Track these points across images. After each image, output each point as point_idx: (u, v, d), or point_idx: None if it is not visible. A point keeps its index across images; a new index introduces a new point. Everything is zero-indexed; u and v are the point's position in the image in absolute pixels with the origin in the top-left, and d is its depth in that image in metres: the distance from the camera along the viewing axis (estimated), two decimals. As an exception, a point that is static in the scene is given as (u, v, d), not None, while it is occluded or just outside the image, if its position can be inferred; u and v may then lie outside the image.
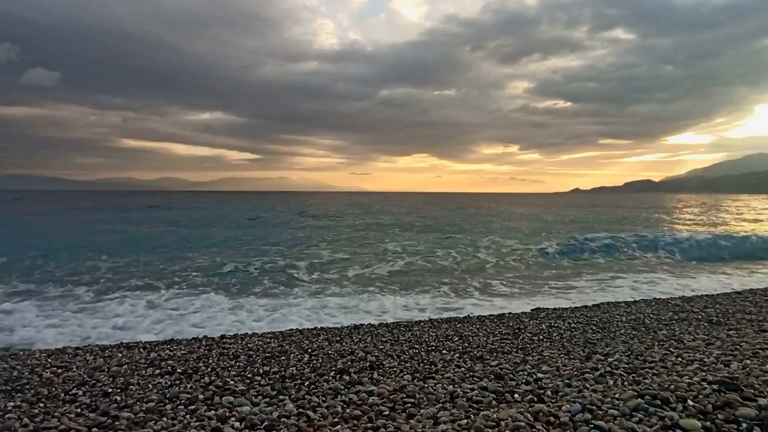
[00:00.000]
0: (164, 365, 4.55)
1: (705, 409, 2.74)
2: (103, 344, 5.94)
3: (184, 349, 5.36)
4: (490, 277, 12.12)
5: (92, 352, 5.33)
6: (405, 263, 14.17)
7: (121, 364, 4.67)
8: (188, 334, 6.56)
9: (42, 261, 13.12)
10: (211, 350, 5.22)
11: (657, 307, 7.60)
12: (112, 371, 4.38)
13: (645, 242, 17.74)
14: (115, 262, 13.39)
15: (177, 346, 5.53)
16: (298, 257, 14.96)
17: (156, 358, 4.87)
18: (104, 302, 8.79)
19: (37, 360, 4.95)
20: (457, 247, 17.31)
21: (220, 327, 7.16)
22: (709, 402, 2.82)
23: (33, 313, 7.86)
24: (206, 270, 12.33)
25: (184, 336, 6.45)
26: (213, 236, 21.37)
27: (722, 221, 31.96)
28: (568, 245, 17.25)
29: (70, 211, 42.79)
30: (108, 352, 5.33)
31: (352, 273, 12.47)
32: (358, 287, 10.58)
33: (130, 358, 4.91)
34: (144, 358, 4.93)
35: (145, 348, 5.51)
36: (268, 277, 11.54)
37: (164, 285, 10.46)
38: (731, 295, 8.63)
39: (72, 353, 5.28)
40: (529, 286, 10.99)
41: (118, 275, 11.49)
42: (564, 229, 24.97)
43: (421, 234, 23.38)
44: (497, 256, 15.28)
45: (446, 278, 11.79)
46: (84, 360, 4.92)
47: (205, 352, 5.15)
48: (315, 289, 10.48)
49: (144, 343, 5.81)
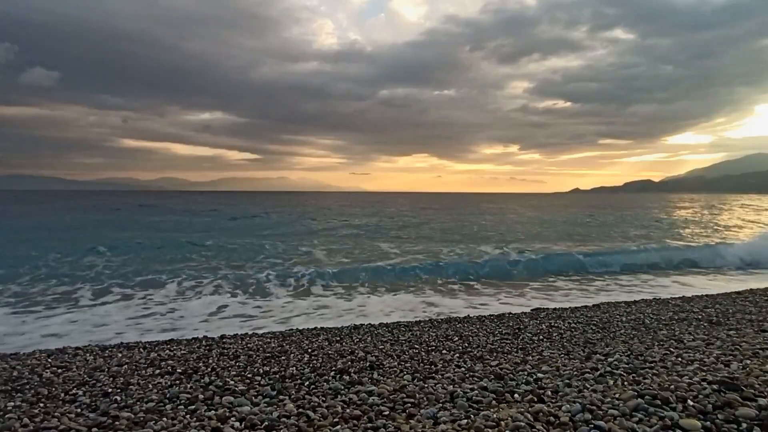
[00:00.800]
0: (164, 365, 4.56)
1: (705, 409, 2.74)
2: (103, 344, 5.94)
3: (184, 349, 5.36)
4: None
5: (92, 352, 5.33)
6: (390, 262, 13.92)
7: (121, 364, 4.67)
8: (188, 334, 6.57)
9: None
10: (211, 350, 5.22)
11: (657, 307, 7.60)
12: (112, 371, 4.38)
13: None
14: (111, 261, 13.41)
15: (177, 346, 5.53)
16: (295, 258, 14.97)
17: (156, 358, 4.87)
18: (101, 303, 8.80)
19: (37, 360, 4.95)
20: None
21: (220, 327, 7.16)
22: (709, 402, 2.82)
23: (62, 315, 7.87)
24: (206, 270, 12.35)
25: (184, 336, 6.45)
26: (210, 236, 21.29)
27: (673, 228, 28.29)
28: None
29: (71, 211, 42.44)
30: (108, 352, 5.33)
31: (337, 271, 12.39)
32: (346, 287, 10.60)
33: (130, 358, 4.91)
34: (144, 358, 4.93)
35: (145, 348, 5.51)
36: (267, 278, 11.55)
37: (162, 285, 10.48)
38: (731, 295, 8.63)
39: (72, 353, 5.28)
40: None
41: (116, 275, 11.50)
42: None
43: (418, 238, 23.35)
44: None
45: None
46: (84, 360, 4.92)
47: (205, 352, 5.15)
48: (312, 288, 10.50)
49: (144, 343, 5.80)
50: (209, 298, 9.31)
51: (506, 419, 2.81)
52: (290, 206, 56.76)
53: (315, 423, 2.94)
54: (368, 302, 9.17)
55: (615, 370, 3.87)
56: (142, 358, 4.93)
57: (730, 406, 2.73)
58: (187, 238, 19.90)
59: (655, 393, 2.99)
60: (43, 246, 16.07)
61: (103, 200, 72.19)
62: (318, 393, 3.59)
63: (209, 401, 3.41)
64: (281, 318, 7.86)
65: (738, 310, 6.90)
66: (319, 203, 69.15)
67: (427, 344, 5.33)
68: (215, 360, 4.73)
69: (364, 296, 9.80)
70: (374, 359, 4.61)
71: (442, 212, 46.58)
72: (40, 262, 12.89)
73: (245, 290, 10.16)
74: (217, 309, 8.39)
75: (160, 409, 3.26)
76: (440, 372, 4.12)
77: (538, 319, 6.85)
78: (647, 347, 4.77)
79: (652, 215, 41.66)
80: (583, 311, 7.42)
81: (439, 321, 6.99)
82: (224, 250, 16.59)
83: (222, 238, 20.60)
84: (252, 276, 11.65)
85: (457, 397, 3.33)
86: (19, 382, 4.08)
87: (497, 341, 5.43)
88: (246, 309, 8.44)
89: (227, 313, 8.12)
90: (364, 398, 3.38)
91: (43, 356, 5.14)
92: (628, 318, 6.65)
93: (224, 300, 9.09)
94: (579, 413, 2.81)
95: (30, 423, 3.06)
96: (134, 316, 7.89)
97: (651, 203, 77.41)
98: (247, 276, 11.66)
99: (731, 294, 8.88)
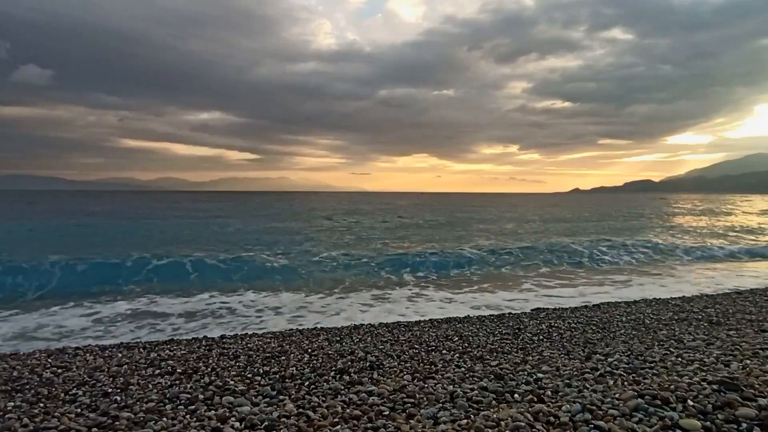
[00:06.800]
0: (164, 365, 4.56)
1: (705, 409, 2.74)
2: (103, 344, 5.94)
3: (184, 349, 5.36)
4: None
5: (92, 352, 5.33)
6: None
7: (121, 364, 4.67)
8: (188, 334, 6.57)
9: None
10: (211, 350, 5.22)
11: (657, 307, 7.60)
12: (112, 371, 4.38)
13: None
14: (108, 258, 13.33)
15: (177, 346, 5.53)
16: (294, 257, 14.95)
17: (156, 358, 4.87)
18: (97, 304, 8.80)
19: (37, 360, 4.95)
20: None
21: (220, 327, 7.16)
22: (709, 402, 2.82)
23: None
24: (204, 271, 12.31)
25: (183, 336, 6.45)
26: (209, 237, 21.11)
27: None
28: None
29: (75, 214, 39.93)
30: (108, 352, 5.33)
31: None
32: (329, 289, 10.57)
33: (130, 358, 4.91)
34: (144, 358, 4.93)
35: (145, 348, 5.51)
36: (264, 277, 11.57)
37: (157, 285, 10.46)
38: (731, 295, 8.63)
39: (72, 353, 5.28)
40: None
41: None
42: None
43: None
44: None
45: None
46: (84, 360, 4.92)
47: (205, 352, 5.15)
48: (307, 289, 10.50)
49: (144, 343, 5.81)
50: (203, 298, 9.30)
51: (506, 419, 2.81)
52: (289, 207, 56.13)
53: (315, 423, 2.94)
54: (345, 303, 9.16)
55: (615, 370, 3.87)
56: (142, 358, 4.93)
57: (730, 406, 2.73)
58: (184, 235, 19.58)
59: (655, 393, 3.00)
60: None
61: (91, 202, 65.07)
62: (318, 393, 3.59)
63: (209, 401, 3.42)
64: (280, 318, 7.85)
65: (738, 310, 6.90)
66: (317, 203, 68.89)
67: (427, 344, 5.33)
68: (215, 360, 4.73)
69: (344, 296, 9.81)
70: (374, 359, 4.61)
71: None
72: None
73: (240, 290, 10.14)
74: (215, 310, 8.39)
75: (160, 409, 3.26)
76: (440, 372, 4.12)
77: (538, 319, 6.85)
78: (647, 347, 4.77)
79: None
80: (583, 311, 7.42)
81: (439, 321, 6.99)
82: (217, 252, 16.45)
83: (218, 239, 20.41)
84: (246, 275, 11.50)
85: (457, 397, 3.33)
86: (19, 382, 4.08)
87: (497, 341, 5.43)
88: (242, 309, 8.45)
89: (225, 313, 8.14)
90: (364, 398, 3.38)
91: (43, 356, 5.14)
92: (628, 318, 6.65)
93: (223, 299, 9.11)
94: (579, 413, 2.81)
95: (30, 423, 3.07)
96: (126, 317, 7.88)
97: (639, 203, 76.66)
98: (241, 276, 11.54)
99: (731, 294, 8.89)
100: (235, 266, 12.40)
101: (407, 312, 8.21)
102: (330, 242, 18.54)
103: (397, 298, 9.44)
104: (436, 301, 9.28)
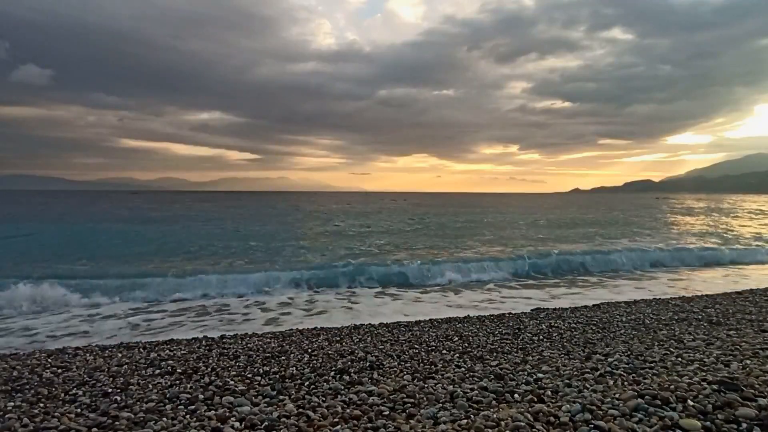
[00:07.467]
0: (164, 365, 4.55)
1: (705, 409, 2.74)
2: (103, 344, 5.94)
3: (184, 349, 5.36)
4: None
5: (92, 352, 5.33)
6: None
7: (121, 364, 4.67)
8: (187, 334, 6.57)
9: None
10: (211, 350, 5.22)
11: (657, 307, 7.60)
12: (112, 371, 4.38)
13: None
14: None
15: (177, 346, 5.53)
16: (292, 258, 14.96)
17: (156, 358, 4.86)
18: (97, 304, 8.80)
19: (37, 360, 4.95)
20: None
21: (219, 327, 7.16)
22: (709, 402, 2.82)
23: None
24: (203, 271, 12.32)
25: (183, 336, 6.45)
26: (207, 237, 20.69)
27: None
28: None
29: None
30: (108, 352, 5.33)
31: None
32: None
33: (130, 358, 4.91)
34: (144, 358, 4.93)
35: (145, 348, 5.51)
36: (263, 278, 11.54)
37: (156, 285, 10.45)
38: (731, 295, 8.63)
39: (72, 353, 5.28)
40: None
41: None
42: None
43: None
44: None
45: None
46: (84, 360, 4.92)
47: (205, 352, 5.15)
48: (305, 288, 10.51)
49: (144, 343, 5.81)
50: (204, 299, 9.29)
51: (506, 419, 2.81)
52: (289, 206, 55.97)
53: (315, 423, 2.94)
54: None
55: (615, 370, 3.87)
56: (142, 358, 4.93)
57: (730, 406, 2.73)
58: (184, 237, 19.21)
59: (655, 393, 2.99)
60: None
61: (85, 203, 61.38)
62: (318, 393, 3.59)
63: (209, 401, 3.41)
64: (280, 317, 7.85)
65: (738, 310, 6.90)
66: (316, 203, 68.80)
67: (427, 344, 5.33)
68: (215, 360, 4.72)
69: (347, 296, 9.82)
70: (374, 359, 4.61)
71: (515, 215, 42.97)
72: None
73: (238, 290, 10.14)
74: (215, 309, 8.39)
75: (160, 409, 3.26)
76: (440, 372, 4.12)
77: (538, 319, 6.85)
78: (647, 347, 4.77)
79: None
80: (583, 311, 7.42)
81: (439, 321, 6.99)
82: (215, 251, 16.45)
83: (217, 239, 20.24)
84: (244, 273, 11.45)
85: (457, 397, 3.33)
86: (19, 382, 4.08)
87: (497, 341, 5.42)
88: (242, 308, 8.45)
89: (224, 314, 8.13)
90: (364, 398, 3.38)
91: (43, 356, 5.14)
92: (628, 318, 6.65)
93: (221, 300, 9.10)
94: (579, 413, 2.81)
95: (30, 423, 3.06)
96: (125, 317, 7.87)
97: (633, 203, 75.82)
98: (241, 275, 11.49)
99: (731, 294, 8.88)
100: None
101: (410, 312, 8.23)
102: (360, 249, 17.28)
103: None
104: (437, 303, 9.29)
